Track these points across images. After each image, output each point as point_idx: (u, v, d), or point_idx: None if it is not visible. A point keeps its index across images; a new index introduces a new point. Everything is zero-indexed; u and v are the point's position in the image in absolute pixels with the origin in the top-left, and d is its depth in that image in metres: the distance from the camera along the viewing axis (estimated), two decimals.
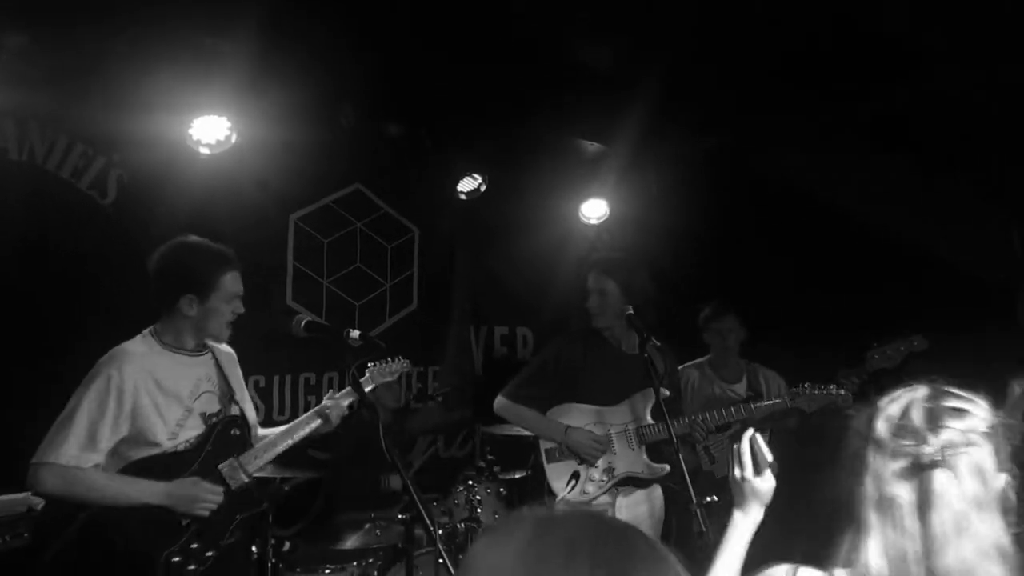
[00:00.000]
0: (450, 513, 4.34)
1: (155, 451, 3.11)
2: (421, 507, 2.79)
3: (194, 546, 3.12)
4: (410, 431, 5.52)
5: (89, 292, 4.38)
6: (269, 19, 3.94)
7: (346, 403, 3.55)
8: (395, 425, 5.03)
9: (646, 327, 3.87)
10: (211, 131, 4.44)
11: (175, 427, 3.17)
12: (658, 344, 4.04)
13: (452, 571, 2.69)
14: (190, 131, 4.41)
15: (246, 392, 3.55)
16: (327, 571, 4.01)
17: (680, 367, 4.67)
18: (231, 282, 3.26)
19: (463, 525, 4.29)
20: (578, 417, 4.12)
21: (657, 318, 4.09)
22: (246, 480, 3.28)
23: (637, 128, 5.35)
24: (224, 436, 3.30)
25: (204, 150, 4.45)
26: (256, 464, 3.33)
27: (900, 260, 5.32)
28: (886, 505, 1.65)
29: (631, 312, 3.94)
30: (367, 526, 4.24)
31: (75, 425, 3.00)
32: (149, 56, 4.03)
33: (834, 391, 4.11)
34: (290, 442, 3.46)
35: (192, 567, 3.09)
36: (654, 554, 0.97)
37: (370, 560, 4.10)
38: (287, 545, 4.09)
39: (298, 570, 4.02)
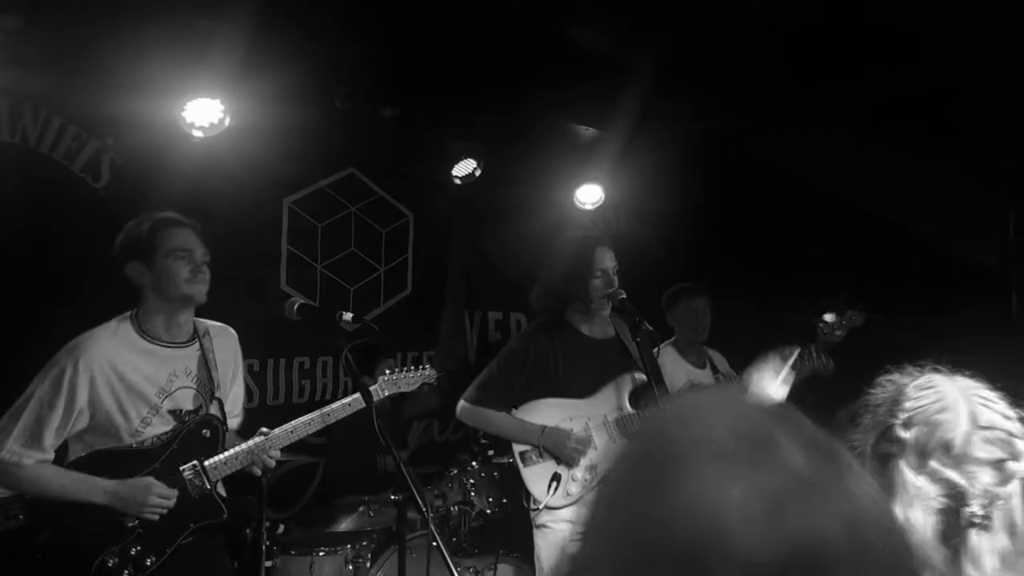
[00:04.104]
0: (444, 496, 4.37)
1: (118, 444, 3.00)
2: (415, 490, 2.80)
3: (134, 551, 2.95)
4: (405, 415, 5.53)
5: (81, 275, 4.36)
6: (262, 1, 3.92)
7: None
8: (390, 409, 5.03)
9: (637, 310, 3.76)
10: (204, 114, 4.41)
11: (139, 424, 3.02)
12: (650, 329, 3.77)
13: (445, 554, 2.67)
14: (183, 114, 4.38)
15: (239, 381, 3.39)
16: (321, 553, 4.02)
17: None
18: (172, 237, 3.11)
19: (456, 508, 4.32)
20: (552, 413, 3.78)
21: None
22: (207, 487, 3.08)
23: (632, 112, 5.34)
24: (193, 437, 3.12)
25: (197, 133, 4.43)
26: (221, 472, 3.13)
27: (895, 244, 5.33)
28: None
29: (624, 296, 3.80)
30: (361, 509, 4.26)
31: (23, 419, 2.91)
32: (143, 38, 4.01)
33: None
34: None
35: (128, 572, 2.92)
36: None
37: (363, 543, 4.12)
38: (281, 528, 4.11)
39: (292, 552, 4.03)
